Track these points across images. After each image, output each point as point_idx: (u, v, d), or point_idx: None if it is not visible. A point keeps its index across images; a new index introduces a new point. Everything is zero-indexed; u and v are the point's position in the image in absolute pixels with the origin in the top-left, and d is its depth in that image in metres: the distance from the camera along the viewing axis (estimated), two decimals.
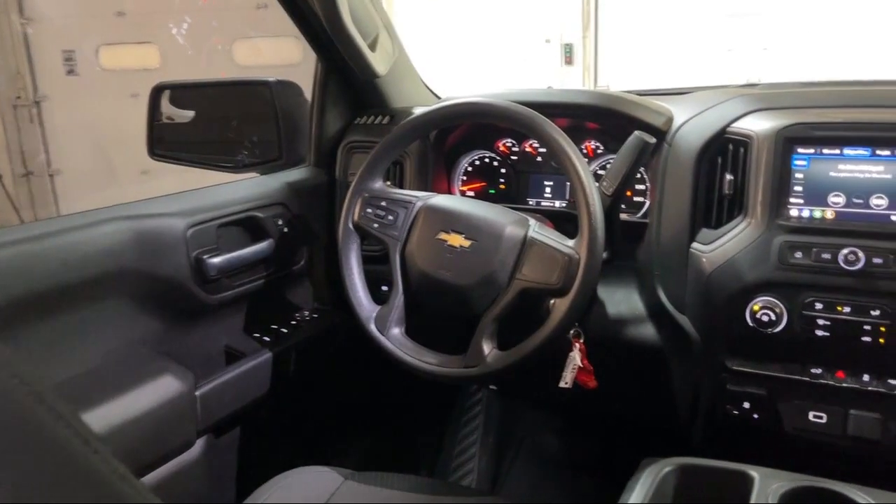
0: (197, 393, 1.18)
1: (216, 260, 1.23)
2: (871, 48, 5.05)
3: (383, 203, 1.22)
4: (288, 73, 1.61)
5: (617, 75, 5.89)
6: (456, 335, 1.16)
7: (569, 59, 5.94)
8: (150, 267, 1.14)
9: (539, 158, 1.44)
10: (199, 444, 1.21)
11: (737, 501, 0.87)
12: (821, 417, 1.11)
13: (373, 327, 1.19)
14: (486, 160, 1.49)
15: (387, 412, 1.87)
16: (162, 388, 1.12)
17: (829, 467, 0.93)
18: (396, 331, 1.18)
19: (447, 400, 1.90)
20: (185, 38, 4.76)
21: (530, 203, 1.45)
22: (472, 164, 1.50)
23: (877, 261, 1.03)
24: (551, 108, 1.25)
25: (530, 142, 1.44)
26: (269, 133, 1.51)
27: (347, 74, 1.48)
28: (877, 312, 1.03)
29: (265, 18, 4.64)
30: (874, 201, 1.06)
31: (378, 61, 1.40)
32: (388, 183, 1.31)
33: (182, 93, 1.63)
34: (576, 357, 1.19)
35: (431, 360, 1.14)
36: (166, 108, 1.59)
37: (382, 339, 1.18)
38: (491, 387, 1.82)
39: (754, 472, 0.89)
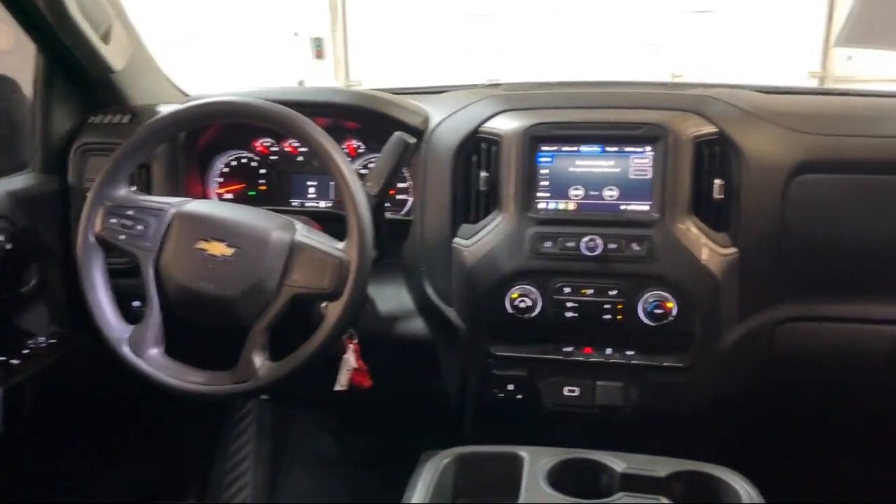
0: None
1: None
2: (591, 48, 5.68)
3: (130, 212, 1.11)
4: None
5: (369, 70, 5.98)
6: (223, 350, 1.09)
7: (319, 54, 5.90)
8: None
9: (300, 158, 1.40)
10: None
11: (511, 482, 0.93)
12: (574, 391, 1.22)
13: (126, 350, 1.08)
14: (244, 161, 1.42)
15: (148, 437, 1.72)
16: None
17: (586, 436, 1.03)
18: (154, 351, 1.08)
19: (214, 415, 1.79)
20: None
21: (294, 204, 1.41)
22: (228, 165, 1.42)
23: (612, 246, 1.15)
24: (310, 108, 1.22)
25: (290, 141, 1.40)
26: None
27: (76, 68, 1.31)
28: (614, 292, 1.16)
29: None
30: (607, 193, 1.18)
31: (113, 54, 1.27)
32: (134, 189, 1.19)
33: None
34: (350, 358, 1.18)
35: (197, 379, 1.07)
36: None
37: (138, 361, 1.07)
38: (262, 396, 1.75)
39: (524, 453, 0.96)
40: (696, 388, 1.20)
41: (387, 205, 1.23)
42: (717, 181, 1.15)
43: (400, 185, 1.36)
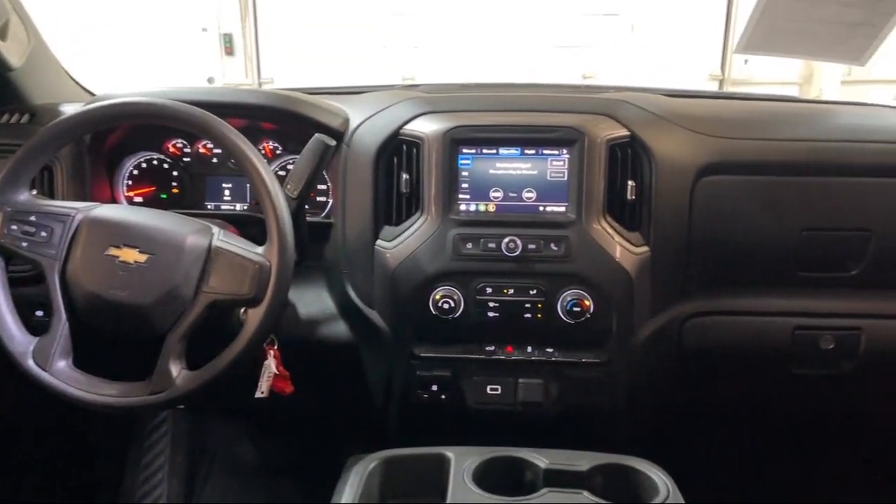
0: None
1: None
2: (504, 48, 5.76)
3: (32, 217, 1.05)
4: None
5: (281, 67, 5.86)
6: (138, 360, 1.05)
7: (229, 50, 5.74)
8: None
9: (215, 160, 1.36)
10: None
11: (437, 482, 0.94)
12: (496, 389, 1.24)
13: (31, 363, 1.02)
14: (155, 162, 1.37)
15: (56, 449, 1.63)
16: None
17: (510, 433, 1.05)
18: (62, 364, 1.03)
19: (125, 426, 1.72)
20: None
21: (209, 207, 1.37)
22: (137, 167, 1.37)
23: (531, 246, 1.18)
24: (225, 108, 1.19)
25: (204, 142, 1.36)
26: None
27: None
28: (534, 292, 1.19)
29: None
30: (526, 194, 1.21)
31: (9, 51, 1.20)
32: (36, 193, 1.13)
33: None
34: (271, 365, 1.16)
35: (110, 391, 1.02)
36: None
37: (45, 375, 1.02)
38: (179, 406, 1.69)
39: (450, 453, 0.97)
40: (612, 383, 1.24)
41: (306, 207, 1.22)
42: (630, 182, 1.19)
43: (319, 186, 1.34)
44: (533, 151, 1.21)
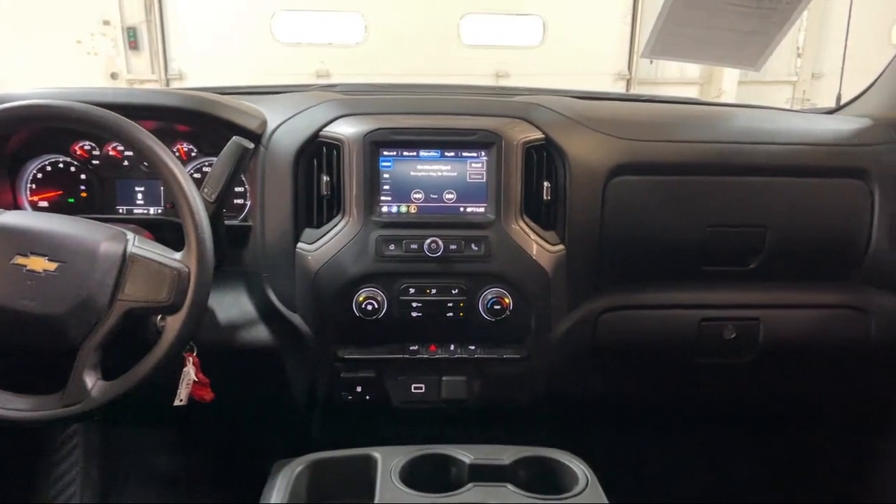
0: None
1: None
2: (417, 45, 5.77)
3: None
4: None
5: (192, 62, 5.68)
6: (51, 371, 1.01)
7: (133, 44, 5.52)
8: None
9: (126, 163, 1.32)
10: None
11: (365, 483, 0.95)
12: (420, 388, 1.26)
13: None
14: (61, 165, 1.31)
15: None
16: None
17: (435, 430, 1.07)
18: None
19: (33, 438, 1.64)
20: None
21: (121, 212, 1.32)
22: (42, 170, 1.31)
23: (453, 247, 1.20)
24: (137, 111, 1.16)
25: (114, 144, 1.31)
26: None
27: None
28: (456, 291, 1.21)
29: None
30: (446, 196, 1.23)
31: None
32: None
33: None
34: (190, 372, 1.14)
35: (20, 405, 0.98)
36: None
37: None
38: (94, 418, 1.63)
39: (376, 453, 0.98)
40: (532, 377, 1.28)
41: (224, 211, 1.20)
42: (546, 183, 1.23)
43: (236, 189, 1.32)
44: (452, 154, 1.23)
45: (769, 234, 1.28)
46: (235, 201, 1.32)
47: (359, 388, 1.25)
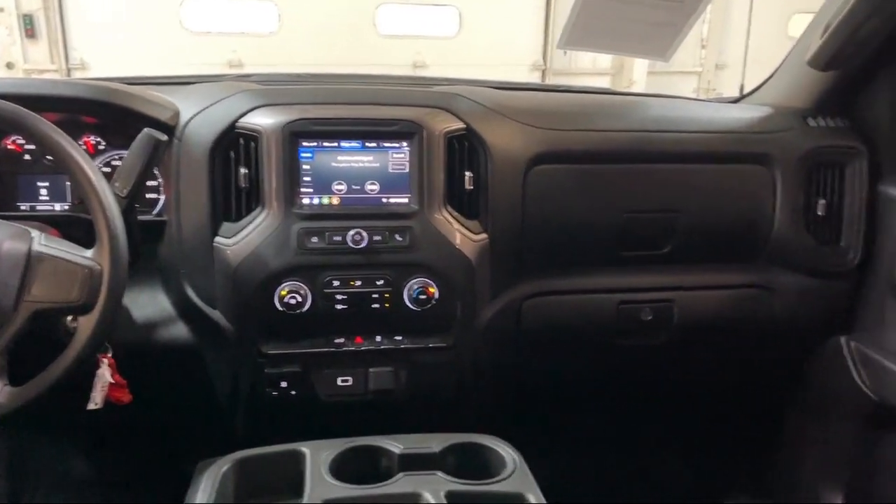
0: None
1: None
2: (333, 34, 5.70)
3: None
4: None
5: (95, 52, 5.42)
6: None
7: (30, 32, 5.21)
8: None
9: (28, 157, 1.24)
10: None
11: (295, 478, 0.94)
12: (347, 381, 1.25)
13: None
14: None
15: None
16: None
17: (364, 422, 1.07)
18: None
19: None
20: None
21: (22, 208, 1.25)
22: None
23: (377, 238, 1.19)
24: (40, 102, 1.10)
25: (13, 138, 1.24)
26: None
27: None
28: (381, 282, 1.21)
29: None
30: (369, 187, 1.22)
31: None
32: None
33: None
34: (105, 374, 1.10)
35: None
36: None
37: None
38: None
39: (305, 448, 0.97)
40: (458, 365, 1.29)
41: (136, 206, 1.16)
42: (468, 173, 1.24)
43: (149, 182, 1.27)
44: (374, 144, 1.22)
45: (681, 218, 1.33)
46: (148, 195, 1.27)
47: (284, 384, 1.23)
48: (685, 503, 1.74)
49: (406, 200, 1.23)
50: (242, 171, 1.18)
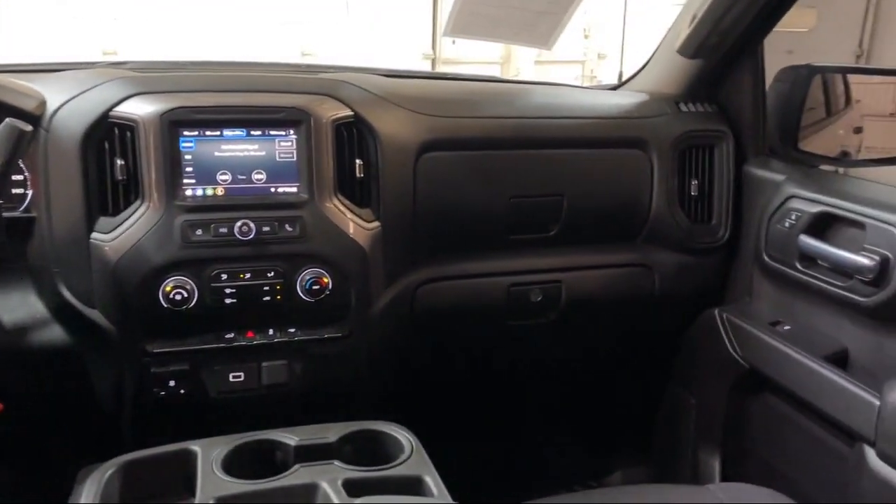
0: None
1: None
2: (219, 23, 5.49)
3: None
4: None
5: None
6: None
7: None
8: None
9: None
10: None
11: (186, 478, 0.91)
12: (239, 376, 1.22)
13: None
14: None
15: None
16: None
17: (257, 417, 1.05)
18: None
19: None
20: None
21: None
22: None
23: (266, 229, 1.17)
24: None
25: None
26: None
27: None
28: (272, 274, 1.18)
29: None
30: (256, 176, 1.19)
31: None
32: None
33: None
34: None
35: None
36: None
37: None
38: None
39: (195, 446, 0.94)
40: (354, 354, 1.29)
41: (0, 202, 1.08)
42: (358, 161, 1.24)
43: (14, 177, 1.19)
44: (259, 133, 1.19)
45: (566, 202, 1.38)
46: (14, 191, 1.18)
47: (172, 383, 1.19)
48: (578, 475, 1.82)
49: (295, 190, 1.20)
50: (119, 162, 1.13)
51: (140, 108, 1.13)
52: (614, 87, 1.68)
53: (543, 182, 1.38)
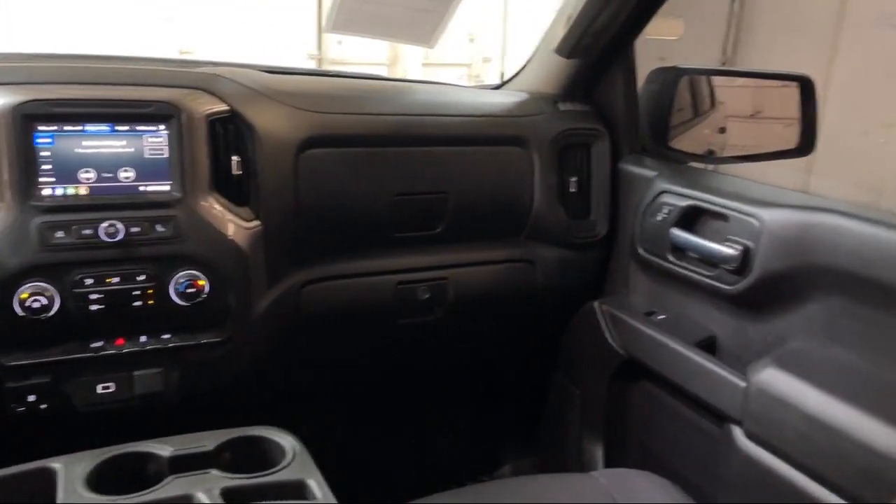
0: None
1: None
2: (92, 18, 5.18)
3: None
4: None
5: None
6: None
7: None
8: None
9: None
10: None
11: (45, 499, 0.84)
12: (109, 387, 1.15)
13: None
14: None
15: None
16: None
17: (132, 429, 0.98)
18: None
19: None
20: None
21: None
22: None
23: (135, 230, 1.10)
24: None
25: None
26: None
27: None
28: (142, 277, 1.12)
29: None
30: (123, 174, 1.12)
31: None
32: None
33: None
34: None
35: None
36: None
37: None
38: None
39: (56, 464, 0.87)
40: (235, 358, 1.24)
41: None
42: (235, 158, 1.19)
43: None
44: (126, 128, 1.12)
45: (450, 199, 1.39)
46: None
47: (31, 398, 1.10)
48: (468, 469, 1.83)
49: (167, 188, 1.14)
50: None
51: None
52: (496, 87, 1.70)
53: (428, 180, 1.38)
